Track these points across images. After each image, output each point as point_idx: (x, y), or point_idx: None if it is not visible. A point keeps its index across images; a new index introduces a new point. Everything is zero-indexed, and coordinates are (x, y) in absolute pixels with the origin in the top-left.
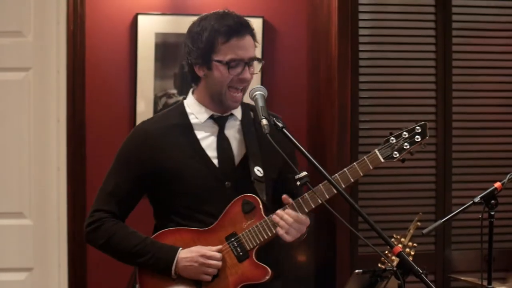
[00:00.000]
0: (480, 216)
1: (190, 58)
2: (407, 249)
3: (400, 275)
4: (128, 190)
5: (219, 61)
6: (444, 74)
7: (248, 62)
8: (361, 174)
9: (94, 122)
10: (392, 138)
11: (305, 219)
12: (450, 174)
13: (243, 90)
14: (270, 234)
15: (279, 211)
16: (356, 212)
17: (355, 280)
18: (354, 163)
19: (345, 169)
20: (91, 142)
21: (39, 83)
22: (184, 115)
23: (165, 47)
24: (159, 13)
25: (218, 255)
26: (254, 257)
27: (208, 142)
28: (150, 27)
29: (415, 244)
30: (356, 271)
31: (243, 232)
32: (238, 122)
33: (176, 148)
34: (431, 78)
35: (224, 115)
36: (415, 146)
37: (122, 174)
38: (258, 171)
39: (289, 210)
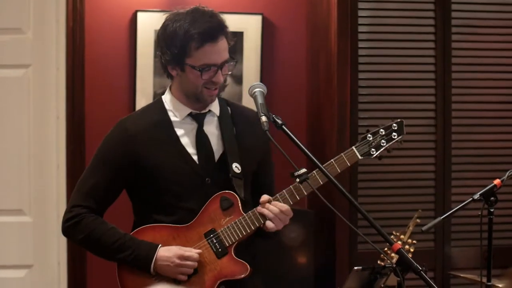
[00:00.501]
0: (480, 213)
1: (164, 57)
2: (407, 246)
3: (399, 272)
4: (107, 186)
5: (192, 66)
6: (444, 71)
7: (221, 66)
8: (339, 171)
9: (94, 119)
10: (369, 135)
11: (290, 211)
12: (449, 171)
13: (218, 88)
14: (248, 230)
15: (262, 203)
16: (356, 209)
17: (355, 277)
18: (332, 159)
19: (322, 166)
20: (91, 139)
21: (39, 80)
22: (164, 111)
23: None
24: (158, 10)
25: (195, 256)
26: (233, 253)
27: (187, 139)
28: (149, 24)
29: (414, 241)
30: (356, 268)
31: (222, 229)
32: (216, 118)
33: (156, 145)
34: (431, 75)
35: (202, 112)
36: (392, 143)
37: (101, 170)
38: (236, 167)
39: (275, 202)
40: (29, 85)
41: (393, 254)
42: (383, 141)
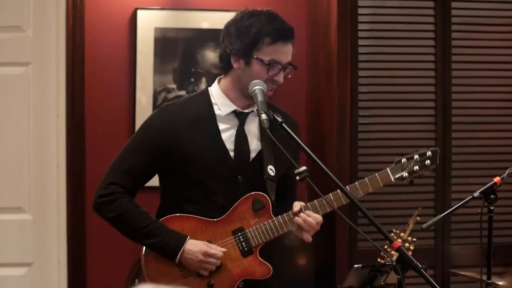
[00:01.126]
0: (480, 211)
1: (230, 47)
2: (407, 244)
3: (399, 269)
4: (144, 168)
5: (261, 60)
6: (444, 69)
7: (285, 67)
8: (371, 190)
9: (94, 117)
10: (404, 159)
11: (322, 220)
12: (449, 168)
13: (273, 89)
14: (276, 234)
15: (301, 215)
16: (356, 207)
17: (355, 275)
18: (365, 178)
19: (356, 182)
20: (91, 137)
21: (39, 78)
22: (209, 104)
23: (165, 42)
24: (158, 8)
25: (219, 254)
26: (258, 253)
27: (227, 135)
28: (149, 22)
29: (414, 239)
30: (356, 265)
31: (250, 229)
32: (257, 119)
33: (196, 135)
34: (431, 73)
35: (246, 111)
36: (425, 170)
37: (141, 152)
38: (271, 170)
39: (310, 212)
40: (29, 83)
41: (393, 252)
42: (416, 167)
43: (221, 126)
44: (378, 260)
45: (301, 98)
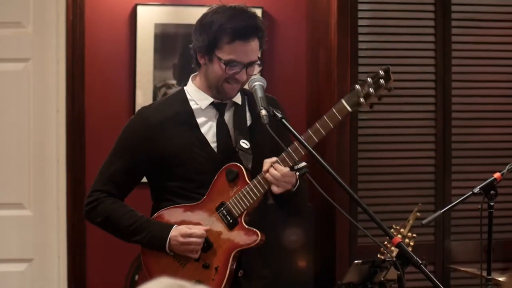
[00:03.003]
0: (480, 207)
1: (196, 44)
2: (407, 240)
3: (399, 265)
4: (127, 172)
5: (219, 58)
6: (444, 65)
7: (247, 66)
8: (332, 126)
9: (94, 112)
10: (357, 86)
11: (291, 173)
12: (449, 164)
13: (240, 85)
14: (255, 198)
15: (264, 169)
16: (356, 203)
17: (355, 271)
18: (324, 115)
19: (316, 123)
20: (91, 132)
21: (39, 73)
22: (185, 101)
23: (165, 38)
24: (158, 3)
25: (198, 231)
26: (243, 222)
27: (207, 128)
28: (149, 18)
29: (414, 235)
30: (356, 261)
31: (230, 200)
32: (234, 107)
33: (176, 133)
34: (431, 69)
35: (224, 102)
36: (381, 90)
37: (122, 157)
38: (243, 143)
39: (276, 165)
40: (29, 78)
41: (393, 248)
42: (371, 89)
43: (199, 120)
44: (378, 256)
45: (301, 93)
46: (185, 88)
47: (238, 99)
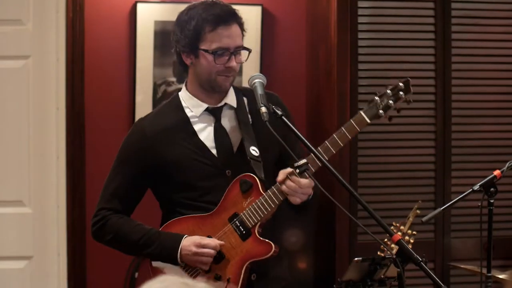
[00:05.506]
0: (480, 204)
1: (178, 46)
2: (406, 237)
3: (399, 263)
4: (130, 187)
5: (205, 50)
6: (444, 62)
7: (234, 52)
8: (350, 137)
9: (93, 110)
10: (376, 98)
11: (308, 182)
12: (449, 162)
13: (233, 76)
14: (269, 209)
15: (280, 180)
16: (356, 200)
17: (355, 268)
18: (342, 127)
19: (333, 134)
20: (90, 130)
21: (38, 71)
22: (181, 109)
23: (164, 35)
24: (158, 1)
25: (213, 243)
26: (257, 234)
27: (205, 134)
28: (149, 15)
29: (414, 232)
30: (356, 259)
31: (244, 211)
32: (232, 111)
33: (174, 142)
34: (431, 66)
35: (219, 105)
36: (400, 101)
37: (123, 172)
38: (253, 150)
39: (294, 177)
40: (29, 76)
41: (393, 245)
42: (390, 101)
43: (197, 127)
44: (378, 253)
45: (301, 91)
46: (179, 94)
47: (233, 101)
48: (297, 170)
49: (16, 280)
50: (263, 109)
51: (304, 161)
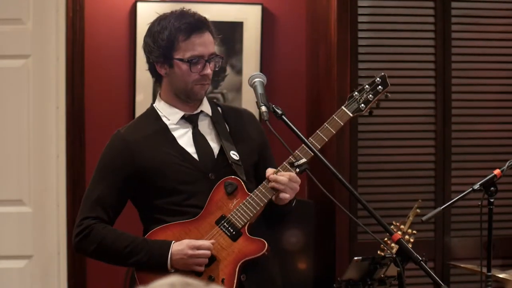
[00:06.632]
0: (480, 203)
1: (151, 56)
2: (407, 236)
3: (399, 262)
4: (112, 195)
5: (180, 59)
6: (444, 62)
7: (208, 59)
8: (334, 132)
9: (93, 109)
10: (355, 93)
11: (297, 177)
12: (449, 161)
13: (208, 84)
14: (258, 208)
15: (271, 176)
16: (356, 199)
17: (355, 267)
18: (325, 123)
19: (317, 131)
20: (90, 129)
21: (38, 70)
22: (158, 119)
23: None
24: (158, 0)
25: (207, 244)
26: (247, 233)
27: (185, 140)
28: (149, 15)
29: (414, 231)
30: (356, 258)
31: (231, 213)
32: (208, 118)
33: (155, 149)
34: (431, 65)
35: (195, 113)
36: (379, 95)
37: (105, 181)
38: (233, 155)
39: (281, 172)
40: (29, 75)
41: (393, 244)
42: (370, 95)
43: (176, 134)
44: (378, 252)
45: (301, 90)
46: (154, 105)
47: (208, 110)
48: (297, 170)
49: (16, 280)
50: (263, 108)
51: (303, 160)
